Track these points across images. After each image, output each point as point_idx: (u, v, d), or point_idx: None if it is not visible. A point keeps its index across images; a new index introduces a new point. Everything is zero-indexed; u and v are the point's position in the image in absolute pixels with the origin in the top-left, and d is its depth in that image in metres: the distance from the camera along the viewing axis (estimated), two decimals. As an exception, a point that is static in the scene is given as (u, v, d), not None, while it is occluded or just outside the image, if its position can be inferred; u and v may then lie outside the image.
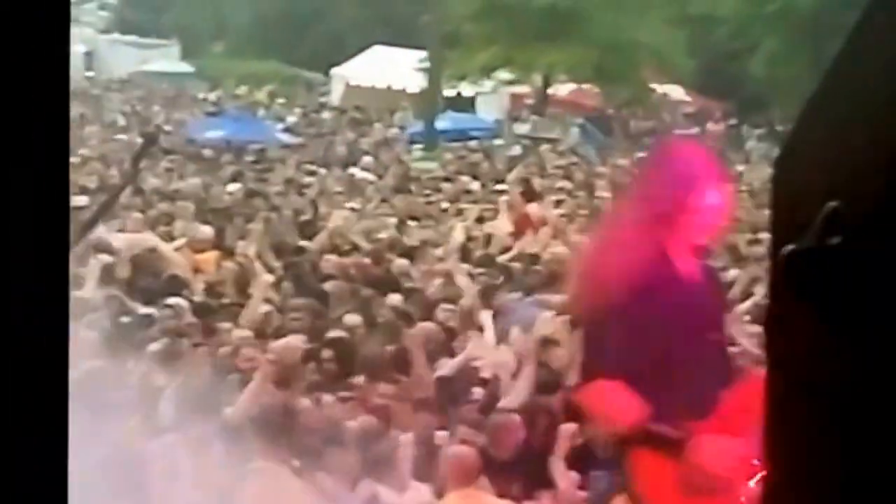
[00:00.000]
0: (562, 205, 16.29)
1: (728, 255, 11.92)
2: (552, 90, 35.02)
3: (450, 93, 33.49)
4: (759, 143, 33.73)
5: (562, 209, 15.77)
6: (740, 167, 26.30)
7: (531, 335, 8.51)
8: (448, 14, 30.30)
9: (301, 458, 6.40)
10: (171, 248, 11.98)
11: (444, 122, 28.61)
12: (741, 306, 9.12)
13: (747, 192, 20.79)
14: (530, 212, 14.46)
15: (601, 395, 3.99)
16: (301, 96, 39.85)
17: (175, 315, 8.95)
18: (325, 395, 7.50)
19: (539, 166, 22.83)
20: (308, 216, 15.10)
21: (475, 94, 35.38)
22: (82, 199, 14.13)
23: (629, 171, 24.46)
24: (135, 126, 27.64)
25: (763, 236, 12.09)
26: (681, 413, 3.90)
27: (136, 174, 12.21)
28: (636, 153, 29.12)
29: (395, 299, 10.25)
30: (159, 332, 8.36)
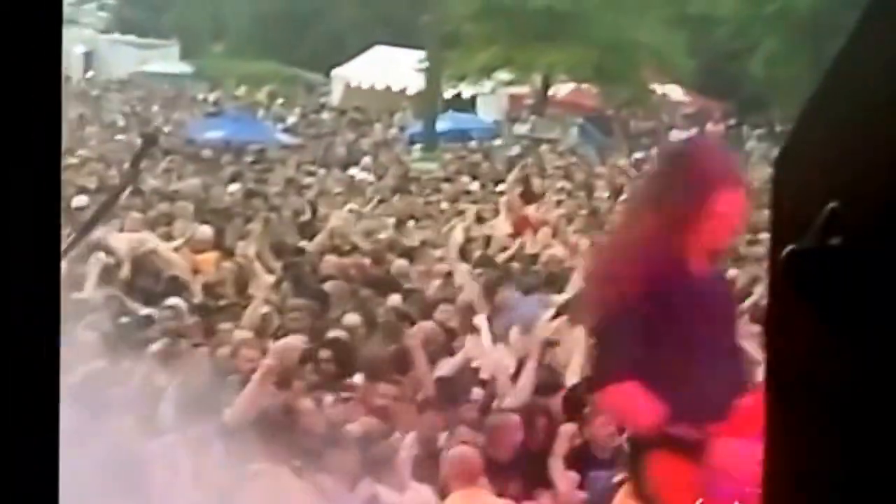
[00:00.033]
0: (561, 205, 16.29)
1: (727, 255, 11.92)
2: (552, 90, 35.03)
3: (449, 93, 33.50)
4: (758, 143, 33.74)
5: (561, 209, 15.77)
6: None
7: (534, 334, 8.52)
8: (448, 14, 30.30)
9: (301, 458, 6.39)
10: (170, 248, 11.98)
11: (443, 122, 28.61)
12: (740, 306, 9.13)
13: (746, 192, 20.75)
14: (529, 214, 14.46)
15: (619, 396, 3.99)
16: (301, 97, 39.85)
17: (175, 316, 8.95)
18: (326, 396, 7.50)
19: (539, 166, 22.83)
20: (307, 217, 15.10)
21: (475, 95, 35.38)
22: (82, 200, 14.14)
23: (643, 170, 24.49)
24: (134, 126, 27.64)
25: (763, 236, 12.10)
26: (698, 416, 3.89)
27: (137, 175, 12.19)
28: (636, 153, 29.17)
29: (395, 300, 10.25)
30: (159, 332, 8.35)
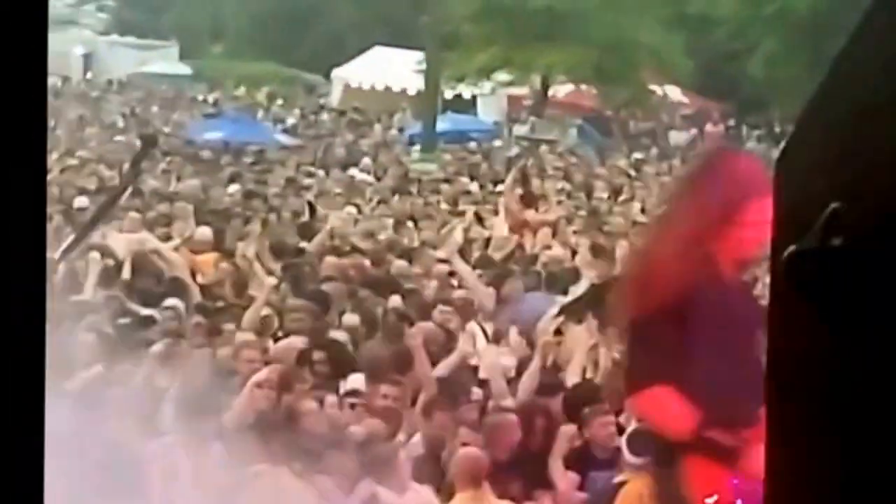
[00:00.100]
0: (561, 206, 16.29)
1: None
2: (551, 91, 35.02)
3: (449, 94, 33.50)
4: (758, 143, 33.74)
5: (561, 210, 15.77)
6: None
7: (540, 331, 8.55)
8: (447, 15, 30.29)
9: (302, 459, 6.40)
10: (170, 249, 11.98)
11: (443, 123, 28.61)
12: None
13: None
14: (528, 217, 14.42)
15: (654, 401, 4.00)
16: (300, 97, 39.83)
17: (175, 317, 8.95)
18: (327, 397, 7.49)
19: (538, 167, 22.83)
20: (306, 217, 15.10)
21: (474, 96, 35.37)
22: (83, 201, 14.14)
23: (642, 171, 24.50)
24: (134, 127, 27.62)
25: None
26: (732, 422, 3.90)
27: (136, 176, 12.21)
28: (635, 154, 29.18)
29: (395, 300, 10.26)
30: (160, 333, 8.35)
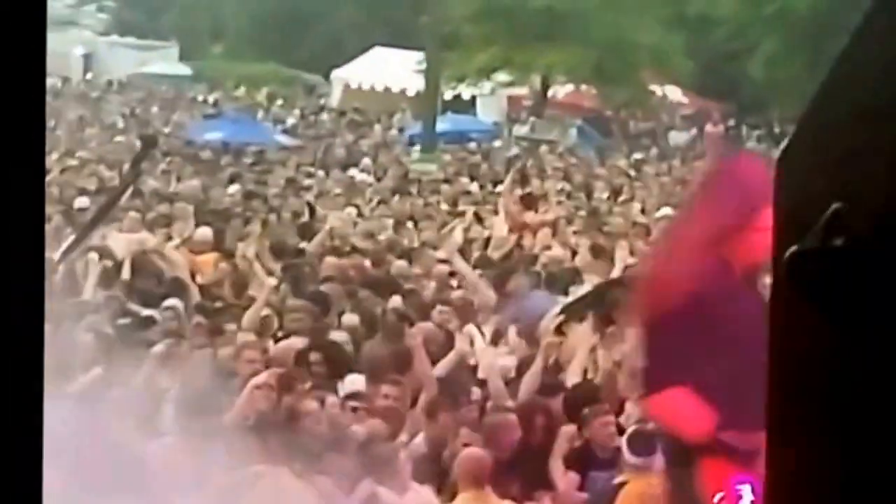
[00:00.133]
0: (560, 206, 16.28)
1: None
2: (551, 92, 35.02)
3: (449, 95, 33.50)
4: (758, 144, 33.75)
5: (560, 210, 15.76)
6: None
7: (542, 330, 8.56)
8: (447, 16, 30.28)
9: (302, 460, 6.40)
10: (171, 250, 11.99)
11: (443, 123, 28.60)
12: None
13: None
14: (527, 220, 14.41)
15: (671, 403, 4.00)
16: (300, 98, 39.82)
17: (175, 317, 8.95)
18: (328, 398, 7.49)
19: (538, 168, 22.84)
20: (306, 218, 15.10)
21: (474, 96, 35.37)
22: (84, 201, 14.14)
23: (642, 171, 24.50)
24: (134, 128, 27.61)
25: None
26: (748, 424, 3.90)
27: (137, 177, 12.21)
28: (635, 154, 29.19)
29: (395, 301, 10.26)
30: (160, 333, 8.35)
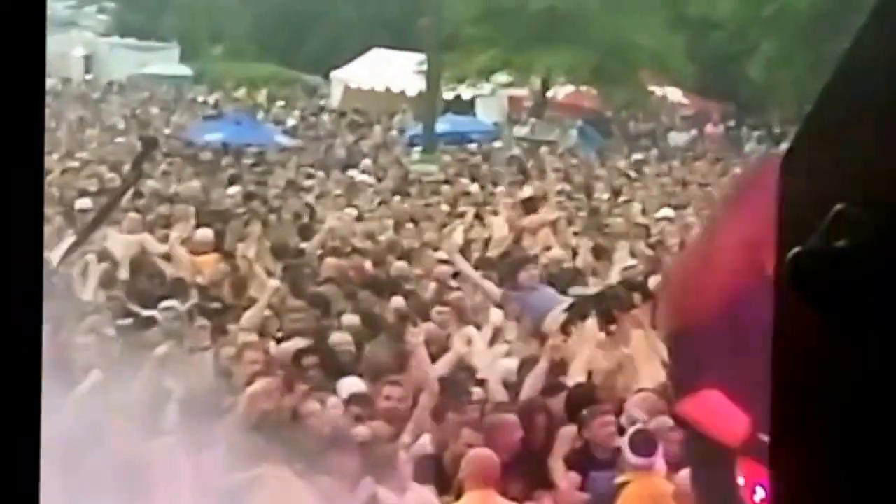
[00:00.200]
0: (560, 206, 16.25)
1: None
2: (551, 93, 35.03)
3: (449, 95, 33.49)
4: (758, 144, 33.73)
5: (559, 210, 15.72)
6: (739, 169, 26.33)
7: (551, 326, 8.58)
8: (447, 17, 30.28)
9: (303, 460, 6.40)
10: (171, 250, 11.99)
11: (443, 124, 28.59)
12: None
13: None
14: (526, 223, 14.39)
15: (705, 405, 3.99)
16: (300, 99, 39.81)
17: (177, 317, 8.94)
18: (329, 399, 7.50)
19: (538, 168, 22.83)
20: (306, 219, 15.09)
21: (474, 97, 35.37)
22: (86, 202, 14.14)
23: (642, 171, 24.50)
24: (134, 129, 27.59)
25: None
26: None
27: (138, 178, 12.21)
28: (635, 155, 29.18)
29: (396, 301, 10.27)
30: (162, 334, 8.34)
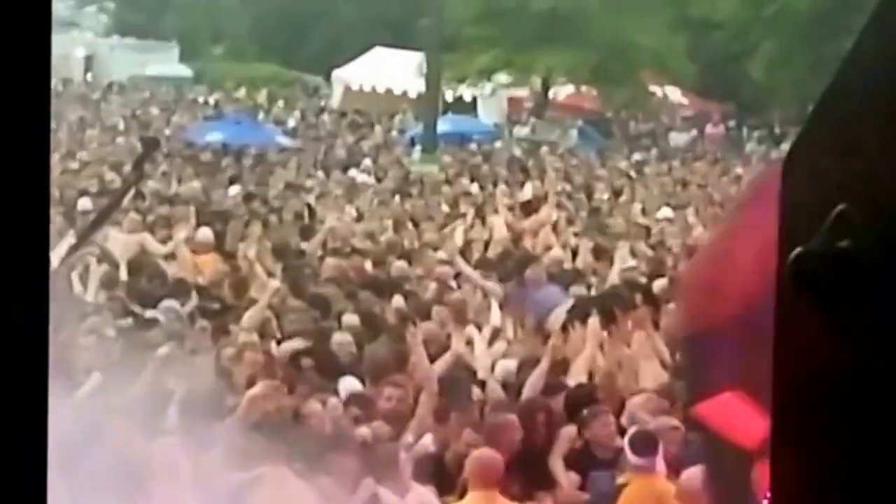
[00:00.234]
0: (559, 206, 16.25)
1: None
2: (551, 93, 35.03)
3: (450, 96, 33.49)
4: (758, 145, 33.74)
5: (557, 210, 15.73)
6: (739, 170, 26.35)
7: (553, 325, 8.60)
8: (447, 17, 30.27)
9: (304, 461, 6.40)
10: (175, 251, 12.01)
11: (443, 125, 28.58)
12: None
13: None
14: (526, 226, 14.39)
15: (723, 408, 3.99)
16: (300, 99, 39.80)
17: (178, 318, 8.95)
18: (330, 400, 7.50)
19: (539, 169, 22.85)
20: (306, 219, 15.10)
21: (475, 97, 35.36)
22: (87, 203, 14.16)
23: (643, 172, 24.50)
24: (134, 129, 27.60)
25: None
26: None
27: (139, 179, 12.21)
28: (635, 155, 29.19)
29: (397, 301, 10.28)
30: (163, 335, 8.34)
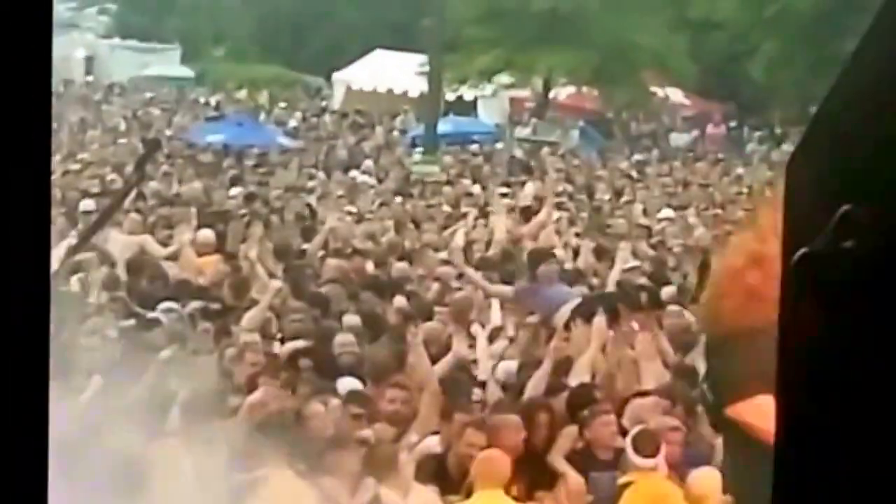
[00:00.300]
0: (559, 206, 16.26)
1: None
2: (552, 94, 35.04)
3: (451, 96, 33.51)
4: (759, 145, 33.74)
5: (556, 211, 15.73)
6: (740, 170, 26.37)
7: (557, 324, 8.61)
8: (449, 18, 30.28)
9: (306, 461, 6.41)
10: (173, 252, 12.01)
11: (445, 125, 28.60)
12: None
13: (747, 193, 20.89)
14: (525, 231, 14.38)
15: (758, 410, 3.98)
16: (302, 100, 39.82)
17: (180, 319, 8.95)
18: (331, 401, 7.50)
19: (540, 169, 22.86)
20: (307, 220, 15.11)
21: (476, 98, 35.38)
22: (90, 204, 14.16)
23: (644, 172, 24.51)
24: (135, 130, 27.62)
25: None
26: None
27: (141, 179, 12.21)
28: (636, 155, 29.21)
29: (399, 302, 10.29)
30: (165, 336, 8.35)
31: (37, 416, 1.14)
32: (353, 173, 21.92)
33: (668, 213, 17.84)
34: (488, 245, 13.40)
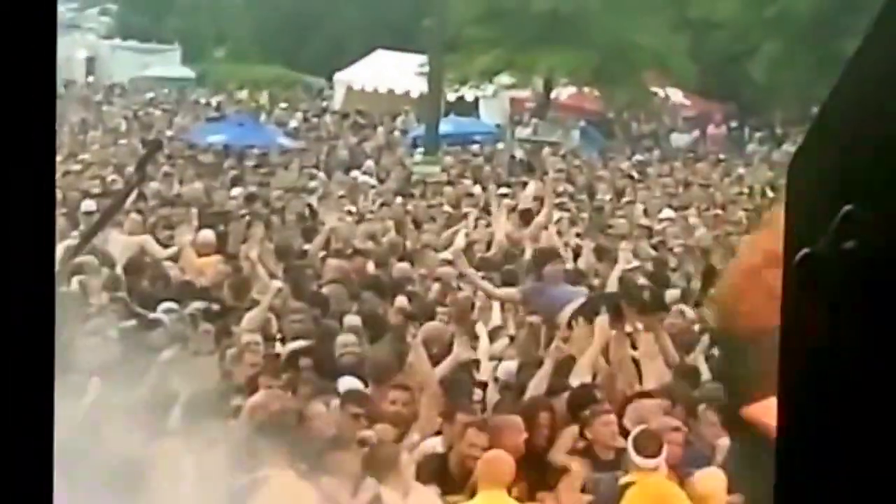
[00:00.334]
0: (563, 208, 16.28)
1: (731, 257, 11.94)
2: (553, 94, 35.03)
3: (451, 97, 33.50)
4: (759, 145, 33.74)
5: (563, 212, 15.76)
6: (741, 170, 26.37)
7: (560, 324, 8.61)
8: (449, 18, 30.27)
9: (307, 462, 6.41)
10: (174, 254, 12.01)
11: (445, 126, 28.59)
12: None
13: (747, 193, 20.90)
14: (525, 234, 14.36)
15: (769, 411, 3.98)
16: (303, 101, 39.82)
17: (181, 320, 8.96)
18: (332, 401, 7.51)
19: (541, 170, 22.86)
20: (308, 220, 15.11)
21: (477, 98, 35.37)
22: (91, 204, 14.16)
23: (645, 172, 24.51)
24: (136, 131, 27.62)
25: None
26: None
27: (142, 180, 12.22)
28: (637, 156, 29.21)
29: (400, 302, 10.29)
30: (166, 336, 8.35)
31: (41, 416, 1.14)
32: (354, 174, 21.92)
33: (668, 213, 17.85)
34: (489, 245, 13.40)
